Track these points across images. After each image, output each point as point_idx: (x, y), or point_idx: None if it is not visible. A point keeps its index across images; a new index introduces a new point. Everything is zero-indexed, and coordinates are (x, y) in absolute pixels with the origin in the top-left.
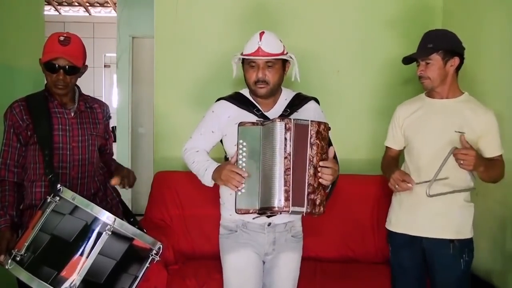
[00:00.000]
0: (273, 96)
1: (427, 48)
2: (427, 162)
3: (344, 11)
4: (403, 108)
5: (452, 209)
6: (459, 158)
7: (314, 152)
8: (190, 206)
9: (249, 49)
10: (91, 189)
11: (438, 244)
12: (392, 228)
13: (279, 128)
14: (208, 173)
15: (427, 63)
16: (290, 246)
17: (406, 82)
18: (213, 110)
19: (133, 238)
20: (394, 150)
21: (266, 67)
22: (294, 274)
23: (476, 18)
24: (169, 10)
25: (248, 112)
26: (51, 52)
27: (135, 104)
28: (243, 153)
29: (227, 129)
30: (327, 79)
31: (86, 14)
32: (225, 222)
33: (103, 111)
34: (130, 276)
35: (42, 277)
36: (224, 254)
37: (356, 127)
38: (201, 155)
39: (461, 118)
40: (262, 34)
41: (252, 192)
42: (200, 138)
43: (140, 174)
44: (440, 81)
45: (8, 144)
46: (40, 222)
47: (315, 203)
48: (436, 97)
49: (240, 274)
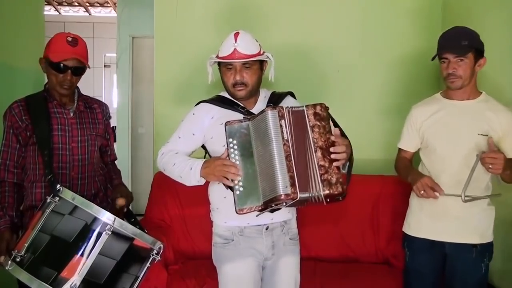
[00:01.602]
0: (253, 96)
1: (462, 45)
2: (451, 166)
3: (349, 8)
4: (420, 109)
5: (475, 213)
6: (488, 162)
7: (316, 134)
8: (190, 206)
9: (225, 52)
10: (92, 189)
11: (462, 249)
12: (411, 233)
13: (271, 116)
14: (195, 171)
15: (461, 60)
16: (288, 249)
17: (411, 81)
18: (193, 113)
19: (134, 237)
20: (409, 152)
21: (244, 68)
22: (296, 277)
23: (476, 18)
24: (169, 10)
25: (232, 111)
26: (63, 53)
27: (135, 104)
28: (235, 151)
29: (212, 131)
30: (328, 77)
31: (86, 14)
32: (219, 230)
33: (102, 111)
34: (130, 276)
35: (42, 277)
36: (221, 264)
37: (357, 127)
38: (182, 156)
39: (483, 120)
40: (237, 35)
41: (252, 188)
42: (179, 142)
43: (140, 174)
44: (469, 81)
45: (8, 145)
46: (40, 222)
47: (331, 182)
48: (455, 98)
49: (239, 283)
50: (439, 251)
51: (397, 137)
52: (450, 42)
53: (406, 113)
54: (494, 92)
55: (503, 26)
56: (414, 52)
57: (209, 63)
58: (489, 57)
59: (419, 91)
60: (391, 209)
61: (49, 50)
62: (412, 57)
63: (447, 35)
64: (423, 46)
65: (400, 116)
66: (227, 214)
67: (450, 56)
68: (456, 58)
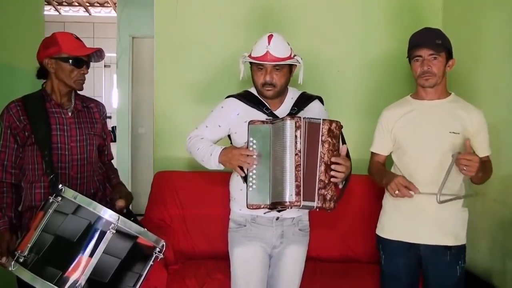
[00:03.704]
0: (279, 96)
1: (436, 43)
2: (424, 166)
3: (343, 9)
4: (391, 111)
5: (450, 215)
6: (463, 164)
7: (325, 149)
8: (190, 206)
9: (258, 52)
10: (91, 188)
11: (436, 251)
12: (386, 235)
13: (289, 126)
14: (215, 157)
15: (435, 59)
16: (297, 239)
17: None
18: (222, 106)
19: (138, 236)
20: (382, 155)
21: (274, 70)
22: (300, 266)
23: (476, 18)
24: (169, 10)
25: (257, 110)
26: (81, 48)
27: (135, 104)
28: (254, 150)
29: (236, 126)
30: (326, 78)
31: (86, 14)
32: (235, 216)
33: (99, 110)
34: (134, 274)
35: (46, 277)
36: (233, 247)
37: (357, 127)
38: (206, 141)
39: (455, 119)
40: (270, 37)
41: (263, 188)
42: (206, 130)
43: (140, 174)
44: (441, 80)
45: (5, 145)
46: (43, 222)
47: (326, 198)
48: (426, 98)
49: (246, 266)
50: (415, 254)
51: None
52: (425, 39)
53: None
54: (493, 92)
55: (502, 26)
56: None
57: (241, 61)
58: (489, 57)
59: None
60: None
61: (61, 47)
62: None
63: (420, 34)
64: None
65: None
66: (242, 204)
67: (425, 54)
68: (430, 55)
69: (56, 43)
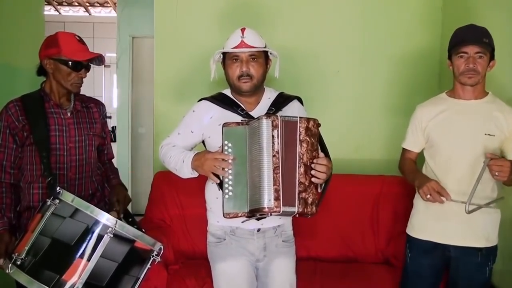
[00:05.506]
0: (256, 92)
1: (484, 42)
2: (456, 167)
3: (349, 8)
4: (426, 109)
5: (482, 217)
6: (494, 170)
7: (304, 149)
8: (190, 206)
9: (232, 44)
10: (89, 189)
11: (467, 253)
12: (415, 235)
13: (266, 125)
14: (187, 163)
15: (480, 57)
16: (281, 251)
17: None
18: (194, 110)
19: (135, 240)
20: (413, 152)
21: (250, 60)
22: (290, 279)
23: (476, 18)
24: (169, 10)
25: (232, 112)
26: (82, 52)
27: (135, 104)
28: (229, 154)
29: (210, 131)
30: (327, 78)
31: (86, 14)
32: (212, 229)
33: (99, 110)
34: (131, 278)
35: (43, 281)
36: (214, 262)
37: (358, 127)
38: (178, 148)
39: (491, 120)
40: (243, 29)
41: (240, 194)
42: (178, 137)
43: (140, 174)
44: (482, 79)
45: (4, 145)
46: (40, 225)
47: (307, 202)
48: (462, 97)
49: (231, 282)
50: (442, 254)
51: (398, 136)
52: (473, 36)
53: (405, 112)
54: (495, 91)
55: (503, 26)
56: (413, 52)
57: (213, 59)
58: None
59: (419, 91)
60: (391, 209)
61: (61, 49)
62: (411, 57)
63: (468, 30)
64: (422, 46)
65: (400, 116)
66: (220, 215)
67: (471, 51)
68: (477, 53)
69: (57, 44)
